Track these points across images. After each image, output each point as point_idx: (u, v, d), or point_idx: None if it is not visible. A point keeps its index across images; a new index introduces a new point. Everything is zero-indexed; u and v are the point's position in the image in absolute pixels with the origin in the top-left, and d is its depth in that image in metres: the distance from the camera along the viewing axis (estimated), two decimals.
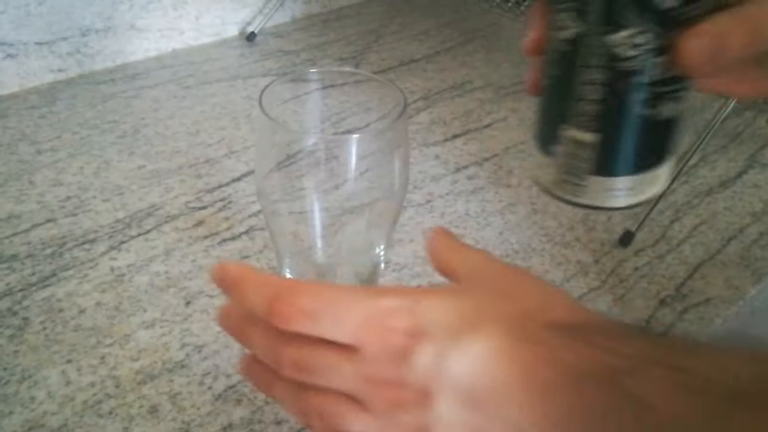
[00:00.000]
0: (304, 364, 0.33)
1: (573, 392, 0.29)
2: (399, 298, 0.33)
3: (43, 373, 0.51)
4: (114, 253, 0.63)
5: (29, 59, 0.87)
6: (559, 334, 0.31)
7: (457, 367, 0.31)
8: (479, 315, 0.32)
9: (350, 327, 0.32)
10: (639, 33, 0.30)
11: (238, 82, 0.92)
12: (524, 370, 0.30)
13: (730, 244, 0.68)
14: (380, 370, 0.32)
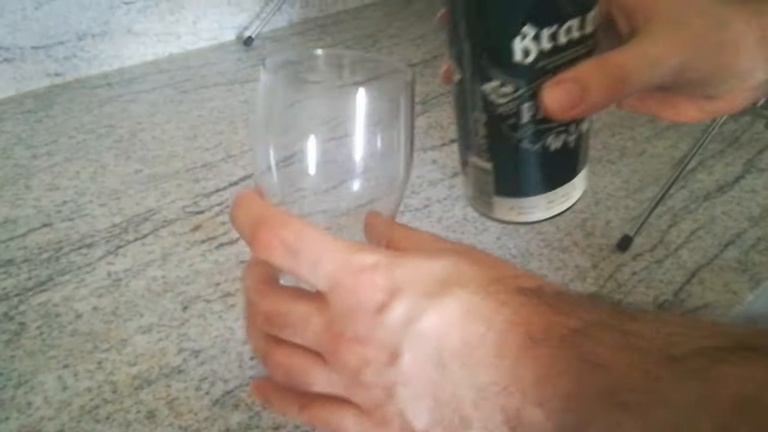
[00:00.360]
0: (274, 317, 0.34)
1: (540, 353, 0.30)
2: (379, 255, 0.32)
3: (39, 378, 0.51)
4: (111, 257, 0.63)
5: (25, 63, 0.86)
6: (526, 299, 0.31)
7: (427, 326, 0.31)
8: (454, 277, 0.32)
9: (327, 271, 0.32)
10: (505, 84, 0.34)
11: (236, 86, 0.92)
12: (497, 333, 0.30)
13: (728, 249, 0.68)
14: (349, 325, 0.31)
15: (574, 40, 0.33)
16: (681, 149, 0.82)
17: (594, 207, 0.72)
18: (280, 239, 0.32)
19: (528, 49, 0.33)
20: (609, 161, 0.80)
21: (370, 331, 0.31)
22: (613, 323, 0.30)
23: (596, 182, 0.76)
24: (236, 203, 0.35)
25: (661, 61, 0.36)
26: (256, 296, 0.35)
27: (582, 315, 0.31)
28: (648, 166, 0.79)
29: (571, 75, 0.34)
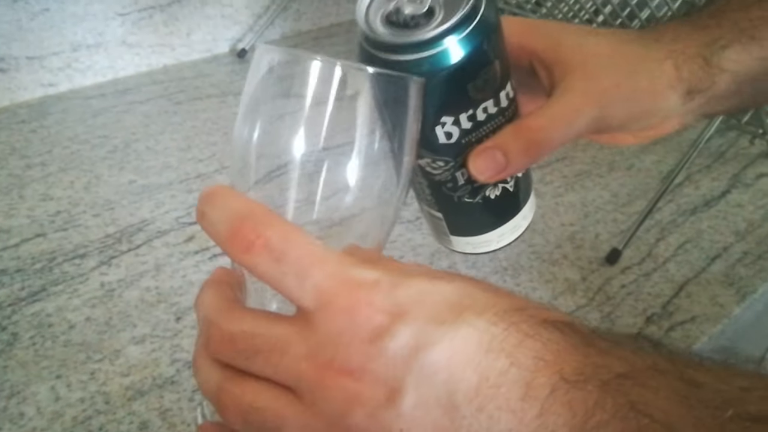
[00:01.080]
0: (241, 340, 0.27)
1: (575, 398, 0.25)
2: (381, 271, 0.27)
3: (32, 388, 0.51)
4: (104, 268, 0.63)
5: (20, 73, 0.87)
6: (559, 334, 0.26)
7: (437, 358, 0.25)
8: (468, 302, 0.27)
9: (316, 284, 0.26)
10: (436, 160, 0.36)
11: (229, 98, 0.93)
12: (522, 371, 0.25)
13: (715, 262, 0.69)
14: (339, 353, 0.26)
15: (492, 114, 0.36)
16: (668, 164, 0.83)
17: (583, 220, 0.73)
18: (263, 240, 0.26)
19: (450, 133, 0.35)
20: (598, 175, 0.81)
21: (365, 362, 0.25)
22: (670, 369, 0.26)
23: (585, 196, 0.77)
24: (207, 198, 0.28)
25: (575, 120, 0.37)
26: (217, 315, 0.28)
27: (629, 357, 0.26)
28: (636, 180, 0.80)
29: (491, 144, 0.36)
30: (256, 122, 0.32)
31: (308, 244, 0.27)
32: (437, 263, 0.66)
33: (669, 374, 0.25)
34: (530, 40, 0.39)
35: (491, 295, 0.28)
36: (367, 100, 0.31)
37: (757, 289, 0.65)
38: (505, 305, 0.27)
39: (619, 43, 0.39)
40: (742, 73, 0.39)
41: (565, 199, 0.76)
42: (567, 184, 0.79)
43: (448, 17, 0.32)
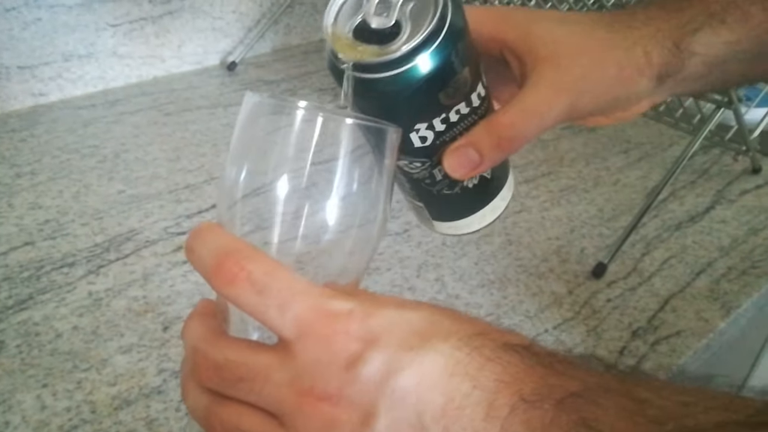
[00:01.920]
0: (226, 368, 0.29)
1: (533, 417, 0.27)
2: (355, 302, 0.29)
3: (18, 397, 0.51)
4: (92, 277, 0.63)
5: (11, 83, 0.87)
6: (517, 357, 0.28)
7: (406, 383, 0.27)
8: (434, 329, 0.29)
9: (296, 315, 0.28)
10: (413, 161, 0.38)
11: (219, 110, 0.93)
12: (484, 393, 0.27)
13: (700, 277, 0.70)
14: (318, 380, 0.28)
15: (465, 114, 0.37)
16: (653, 180, 0.84)
17: (569, 234, 0.74)
18: (246, 274, 0.28)
19: (425, 137, 0.36)
20: (583, 190, 0.82)
21: (341, 388, 0.27)
22: (619, 387, 0.28)
23: (571, 210, 0.78)
24: (195, 234, 0.31)
25: (546, 112, 0.37)
26: (203, 344, 0.30)
27: (581, 377, 0.28)
28: (621, 195, 0.81)
29: (464, 142, 0.37)
30: (244, 164, 0.34)
31: (289, 278, 0.29)
32: (424, 275, 0.67)
33: (617, 392, 0.27)
34: (500, 31, 0.39)
35: (455, 321, 0.30)
36: (347, 146, 0.33)
37: (742, 304, 0.66)
38: (469, 331, 0.29)
39: (590, 30, 0.39)
40: (712, 56, 0.40)
41: (552, 213, 0.77)
42: (553, 198, 0.80)
43: (416, 32, 0.33)
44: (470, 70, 0.36)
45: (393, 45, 0.33)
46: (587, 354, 0.29)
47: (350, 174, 0.34)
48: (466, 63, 0.35)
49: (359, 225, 0.35)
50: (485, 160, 0.37)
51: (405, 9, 0.34)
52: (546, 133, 0.92)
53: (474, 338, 0.29)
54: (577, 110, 0.38)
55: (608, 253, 0.69)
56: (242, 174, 0.34)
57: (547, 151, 0.89)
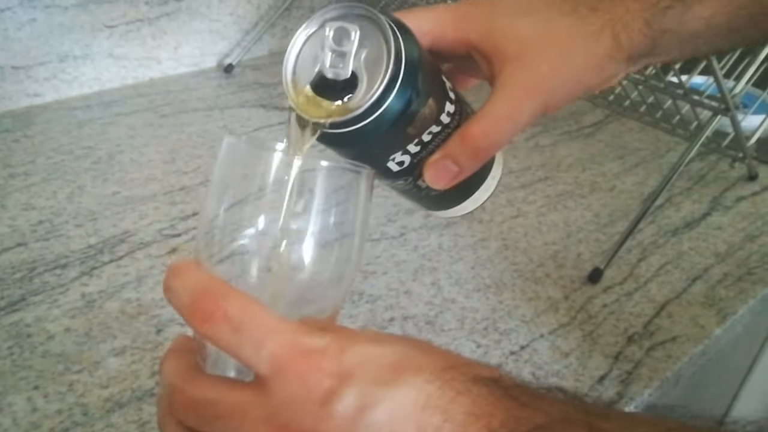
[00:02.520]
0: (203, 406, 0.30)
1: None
2: (328, 338, 0.30)
3: (8, 399, 0.50)
4: (85, 278, 0.63)
5: (5, 83, 0.86)
6: (486, 390, 0.29)
7: (380, 417, 0.28)
8: (406, 363, 0.30)
9: (271, 353, 0.28)
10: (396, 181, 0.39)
11: (215, 112, 0.93)
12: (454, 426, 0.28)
13: (696, 283, 0.69)
14: (294, 416, 0.28)
15: (437, 132, 0.37)
16: (649, 185, 0.84)
17: (566, 239, 0.74)
18: (222, 312, 0.29)
19: (402, 161, 0.37)
20: (580, 195, 0.82)
21: (316, 423, 0.28)
22: (581, 420, 0.29)
23: (567, 215, 0.78)
24: (172, 272, 0.31)
25: (518, 116, 0.37)
26: (180, 382, 0.31)
27: (547, 409, 0.29)
28: (617, 201, 0.81)
29: (441, 155, 0.37)
30: (222, 202, 0.35)
31: (264, 316, 0.29)
32: (420, 279, 0.66)
33: (581, 425, 0.28)
34: (463, 31, 0.39)
35: (426, 355, 0.31)
36: (323, 187, 0.34)
37: (738, 311, 0.66)
38: (440, 364, 0.30)
39: (554, 17, 0.38)
40: (684, 32, 0.39)
41: (548, 218, 0.77)
42: (550, 203, 0.80)
43: (374, 80, 0.33)
44: (434, 97, 0.36)
45: (355, 99, 0.34)
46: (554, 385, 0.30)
47: (326, 214, 0.35)
48: (430, 93, 0.35)
49: (335, 263, 0.36)
50: (464, 169, 0.37)
51: (359, 57, 0.34)
52: (543, 138, 0.92)
53: (445, 371, 0.29)
54: (550, 107, 0.38)
55: (604, 259, 0.69)
56: (221, 211, 0.35)
57: (544, 156, 0.89)
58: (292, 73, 0.36)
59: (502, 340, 0.60)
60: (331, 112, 0.34)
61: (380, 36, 0.33)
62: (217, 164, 0.36)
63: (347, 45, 0.34)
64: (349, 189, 0.35)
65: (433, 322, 0.62)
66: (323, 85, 0.35)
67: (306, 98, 0.35)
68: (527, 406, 0.29)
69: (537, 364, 0.58)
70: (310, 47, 0.35)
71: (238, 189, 0.35)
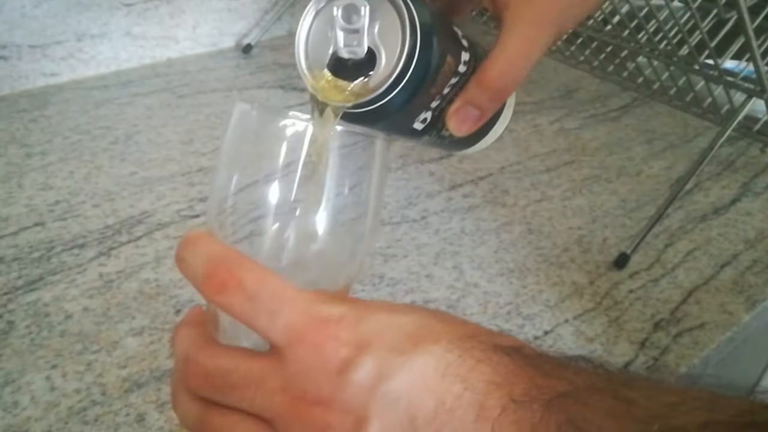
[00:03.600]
0: (218, 376, 0.29)
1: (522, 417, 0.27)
2: (345, 307, 0.29)
3: (27, 378, 0.50)
4: (103, 259, 0.62)
5: (22, 62, 0.85)
6: (507, 358, 0.29)
7: (397, 386, 0.27)
8: (424, 332, 0.29)
9: (287, 322, 0.28)
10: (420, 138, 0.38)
11: (233, 92, 0.92)
12: (475, 394, 0.27)
13: (724, 270, 0.68)
14: (310, 385, 0.28)
15: (455, 83, 0.36)
16: (677, 170, 0.82)
17: (591, 224, 0.72)
18: (237, 281, 0.28)
19: (425, 118, 0.36)
20: (606, 180, 0.80)
21: (333, 393, 0.27)
22: (606, 388, 0.28)
23: (593, 200, 0.76)
24: (186, 243, 0.31)
25: (532, 52, 0.37)
26: (194, 352, 0.30)
27: (570, 377, 0.28)
28: (645, 186, 0.79)
29: (461, 103, 0.37)
30: (234, 172, 0.34)
31: (279, 285, 0.29)
32: (442, 263, 0.65)
33: (605, 393, 0.27)
34: None
35: (446, 324, 0.30)
36: (337, 156, 0.33)
37: (767, 298, 0.64)
38: (459, 333, 0.29)
39: None
40: None
41: (573, 202, 0.75)
42: (575, 188, 0.78)
43: (393, 55, 0.32)
44: (451, 52, 0.35)
45: (375, 77, 0.33)
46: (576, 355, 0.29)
47: (340, 182, 0.34)
48: (446, 50, 0.34)
49: (349, 232, 0.35)
50: (485, 112, 0.37)
51: (373, 31, 0.33)
52: (568, 121, 0.91)
53: (465, 340, 0.29)
54: (561, 33, 0.38)
55: (631, 244, 0.67)
56: (233, 181, 0.34)
57: (569, 140, 0.87)
58: (305, 59, 0.34)
59: (525, 325, 0.59)
60: (353, 93, 0.33)
61: (390, 6, 0.32)
62: (229, 132, 0.35)
63: (358, 22, 0.32)
64: (364, 157, 0.34)
65: (455, 306, 0.60)
66: (340, 66, 0.33)
67: (326, 83, 0.34)
68: (550, 374, 0.28)
69: (561, 350, 0.57)
70: (319, 29, 0.34)
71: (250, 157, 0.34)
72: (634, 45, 0.84)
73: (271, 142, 0.33)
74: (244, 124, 0.35)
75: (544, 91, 1.00)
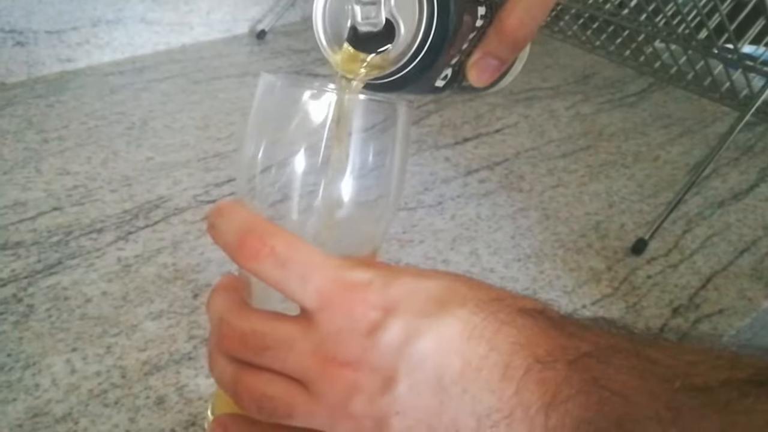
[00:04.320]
0: (252, 338, 0.30)
1: (546, 377, 0.28)
2: (373, 272, 0.30)
3: (47, 360, 0.50)
4: (121, 243, 0.62)
5: (38, 48, 0.86)
6: (532, 321, 0.30)
7: (425, 347, 0.28)
8: (450, 295, 0.30)
9: (317, 287, 0.29)
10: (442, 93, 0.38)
11: (248, 78, 0.92)
12: (500, 355, 0.28)
13: (743, 256, 0.67)
14: (340, 348, 0.29)
15: (473, 37, 0.36)
16: (694, 156, 0.82)
17: (608, 210, 0.72)
18: (269, 249, 0.29)
19: (446, 74, 0.36)
20: (623, 165, 0.79)
21: (362, 354, 0.28)
22: (629, 347, 0.29)
23: (610, 185, 0.76)
24: (217, 211, 0.32)
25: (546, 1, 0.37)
26: (229, 315, 0.32)
27: (593, 338, 0.29)
28: (662, 171, 0.79)
29: (481, 54, 0.36)
30: (261, 141, 0.35)
31: (309, 252, 0.30)
32: (458, 248, 0.65)
33: (628, 352, 0.28)
34: None
35: (471, 288, 0.31)
36: (361, 122, 0.33)
37: None
38: (484, 296, 0.30)
39: None
40: None
41: (590, 188, 0.75)
42: (592, 173, 0.78)
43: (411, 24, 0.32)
44: (467, 11, 0.35)
45: (396, 48, 0.33)
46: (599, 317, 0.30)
47: (364, 149, 0.34)
48: (463, 9, 0.34)
49: (374, 198, 0.36)
50: (505, 61, 0.37)
51: (389, 2, 0.33)
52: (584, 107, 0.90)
53: (490, 303, 0.30)
54: None
55: (648, 230, 0.67)
56: (260, 150, 0.35)
57: (585, 125, 0.87)
58: (324, 34, 0.35)
59: None
60: (374, 65, 0.33)
61: None
62: (255, 102, 0.35)
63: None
64: (387, 124, 0.35)
65: None
66: (359, 39, 0.34)
67: (347, 56, 0.34)
68: (573, 335, 0.29)
69: None
70: (336, 4, 0.34)
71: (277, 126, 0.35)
72: (651, 29, 0.83)
73: (297, 112, 0.34)
74: (270, 94, 0.35)
75: (559, 76, 1.00)
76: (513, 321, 0.29)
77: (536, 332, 0.29)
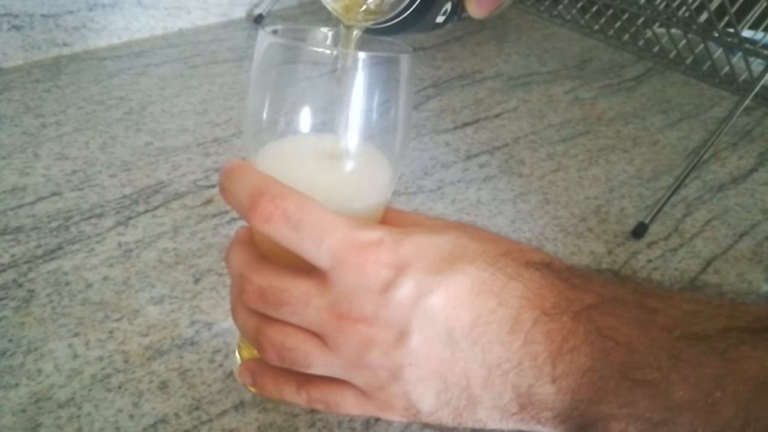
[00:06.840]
0: (271, 293, 0.32)
1: (552, 328, 0.29)
2: (383, 231, 0.31)
3: (49, 345, 0.50)
4: (121, 228, 0.62)
5: (34, 32, 0.85)
6: (538, 274, 0.31)
7: (436, 303, 0.30)
8: (459, 252, 0.31)
9: (330, 247, 0.30)
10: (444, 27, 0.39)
11: (246, 63, 0.91)
12: (508, 309, 0.30)
13: (742, 239, 0.67)
14: (354, 304, 0.30)
15: None
16: (693, 140, 0.82)
17: (608, 194, 0.72)
18: (281, 210, 0.30)
19: (446, 10, 0.38)
20: (622, 150, 0.79)
21: (376, 310, 0.30)
22: (631, 299, 0.30)
23: (609, 170, 0.76)
24: (227, 173, 0.33)
25: None
26: (247, 271, 0.33)
27: (597, 290, 0.30)
28: (661, 156, 0.79)
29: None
30: (266, 96, 0.35)
31: (320, 212, 0.31)
32: None
33: (630, 303, 0.30)
34: None
35: (480, 243, 0.32)
36: (363, 78, 0.34)
37: None
38: (493, 252, 0.31)
39: None
40: None
41: (590, 172, 0.75)
42: (591, 158, 0.78)
43: None
44: None
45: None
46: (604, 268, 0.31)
47: (368, 104, 0.34)
48: None
49: (379, 150, 0.36)
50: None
51: None
52: (582, 91, 0.90)
53: (498, 259, 0.31)
54: None
55: (648, 214, 0.67)
56: (264, 108, 0.35)
57: (584, 110, 0.87)
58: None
59: None
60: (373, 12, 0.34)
61: None
62: (256, 60, 0.35)
63: None
64: (390, 76, 0.35)
65: None
66: None
67: (347, 2, 0.35)
68: (578, 287, 0.30)
69: None
70: None
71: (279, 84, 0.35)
72: (650, 12, 0.83)
73: (299, 64, 0.34)
74: (271, 48, 0.35)
75: (558, 60, 0.99)
76: (520, 275, 0.30)
77: (543, 285, 0.30)
